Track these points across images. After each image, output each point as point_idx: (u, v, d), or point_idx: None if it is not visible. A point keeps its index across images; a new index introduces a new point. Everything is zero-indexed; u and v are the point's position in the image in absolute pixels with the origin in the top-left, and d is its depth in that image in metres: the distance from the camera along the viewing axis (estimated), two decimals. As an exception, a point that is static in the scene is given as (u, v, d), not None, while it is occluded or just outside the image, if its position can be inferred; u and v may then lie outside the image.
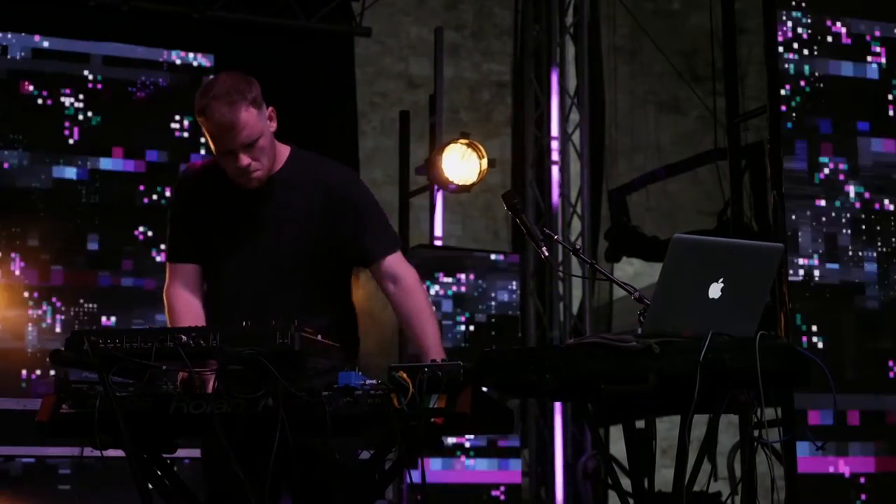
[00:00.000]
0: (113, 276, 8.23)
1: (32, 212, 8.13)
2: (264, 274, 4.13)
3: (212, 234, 4.19)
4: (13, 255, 7.99)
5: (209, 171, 4.21)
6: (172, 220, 4.27)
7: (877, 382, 6.59)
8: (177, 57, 8.54)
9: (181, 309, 4.15)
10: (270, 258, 4.13)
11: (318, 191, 4.17)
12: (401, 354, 8.20)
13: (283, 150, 4.22)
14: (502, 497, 8.58)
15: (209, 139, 4.07)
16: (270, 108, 4.12)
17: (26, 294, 7.96)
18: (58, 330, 7.91)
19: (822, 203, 6.56)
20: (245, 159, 4.03)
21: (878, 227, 6.66)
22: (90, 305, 8.09)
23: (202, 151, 8.33)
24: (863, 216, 6.64)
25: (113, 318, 8.08)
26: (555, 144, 9.77)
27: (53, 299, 8.01)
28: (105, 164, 8.33)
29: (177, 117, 8.47)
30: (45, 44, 8.32)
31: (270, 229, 4.14)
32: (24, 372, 7.82)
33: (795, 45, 6.59)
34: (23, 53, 8.25)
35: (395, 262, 4.22)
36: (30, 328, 7.94)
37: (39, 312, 7.96)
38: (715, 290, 3.51)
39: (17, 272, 7.98)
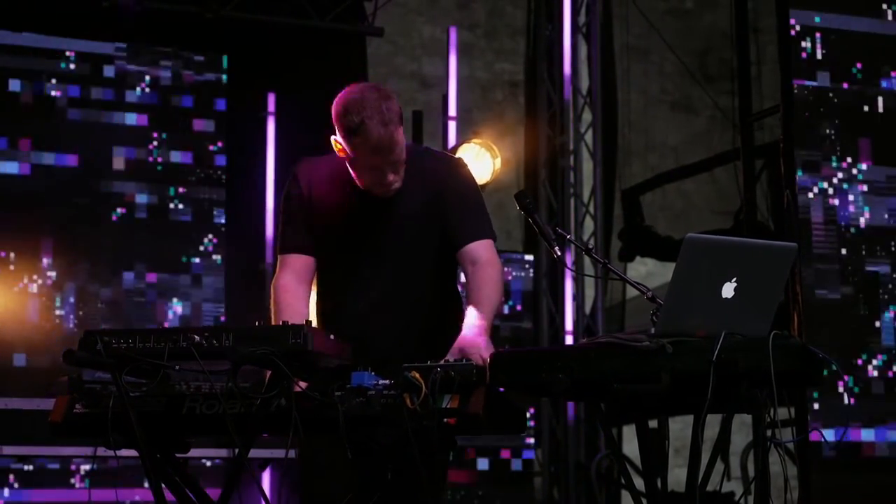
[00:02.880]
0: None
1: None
2: (384, 270, 4.16)
3: (330, 229, 4.18)
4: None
5: (329, 167, 4.20)
6: (288, 211, 4.24)
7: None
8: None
9: (288, 304, 4.11)
10: (389, 255, 4.17)
11: (429, 184, 4.19)
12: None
13: None
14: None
15: (352, 152, 4.04)
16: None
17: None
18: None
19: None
20: (391, 176, 4.06)
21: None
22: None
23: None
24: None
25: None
26: (568, 144, 9.76)
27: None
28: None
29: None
30: (60, 44, 8.37)
31: (389, 226, 4.17)
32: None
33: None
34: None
35: (482, 246, 4.16)
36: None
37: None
38: (728, 290, 3.50)
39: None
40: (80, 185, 8.32)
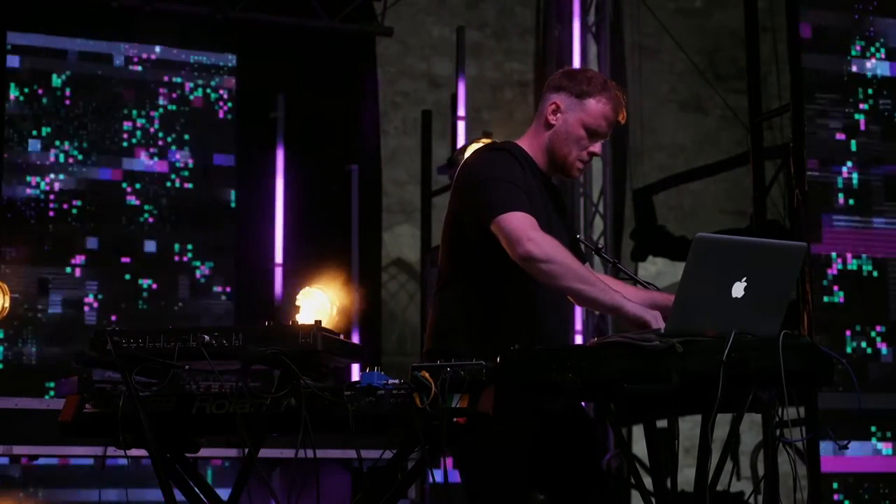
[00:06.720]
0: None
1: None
2: None
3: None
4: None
5: (525, 158, 4.05)
6: (514, 181, 3.90)
7: None
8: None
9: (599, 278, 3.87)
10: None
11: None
12: (421, 353, 8.20)
13: None
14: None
15: (585, 120, 4.07)
16: None
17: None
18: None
19: None
20: (600, 149, 4.14)
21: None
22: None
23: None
24: None
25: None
26: (577, 144, 9.73)
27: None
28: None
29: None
30: (69, 45, 8.40)
31: (563, 224, 4.17)
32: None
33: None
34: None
35: None
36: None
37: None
38: (738, 289, 3.49)
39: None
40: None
